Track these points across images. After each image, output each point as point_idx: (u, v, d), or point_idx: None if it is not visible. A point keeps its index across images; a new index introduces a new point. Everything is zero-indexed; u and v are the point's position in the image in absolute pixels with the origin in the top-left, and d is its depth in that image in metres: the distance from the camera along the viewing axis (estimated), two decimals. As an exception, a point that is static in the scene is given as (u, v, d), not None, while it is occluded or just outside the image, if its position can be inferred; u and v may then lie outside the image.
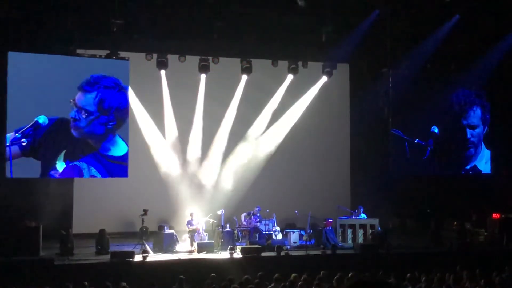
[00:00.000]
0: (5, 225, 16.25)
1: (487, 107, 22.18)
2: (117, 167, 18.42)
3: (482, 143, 22.27)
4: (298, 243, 18.26)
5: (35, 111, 17.75)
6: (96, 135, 18.20)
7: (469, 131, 22.06)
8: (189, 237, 17.43)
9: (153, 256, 16.00)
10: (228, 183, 21.05)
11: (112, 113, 18.29)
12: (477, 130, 22.10)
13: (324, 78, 21.81)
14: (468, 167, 22.23)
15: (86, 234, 18.20)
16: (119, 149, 18.45)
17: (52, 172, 17.68)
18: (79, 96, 17.88)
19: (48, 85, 17.69)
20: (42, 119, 17.44)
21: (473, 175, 22.36)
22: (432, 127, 22.13)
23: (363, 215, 19.09)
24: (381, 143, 21.89)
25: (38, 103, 17.76)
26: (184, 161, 20.94)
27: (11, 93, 17.34)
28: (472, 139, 22.07)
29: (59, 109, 17.86)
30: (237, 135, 21.47)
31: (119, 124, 18.38)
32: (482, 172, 22.14)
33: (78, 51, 18.89)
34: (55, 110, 17.79)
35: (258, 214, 18.86)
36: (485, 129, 22.19)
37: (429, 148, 22.06)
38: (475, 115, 22.07)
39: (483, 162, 22.23)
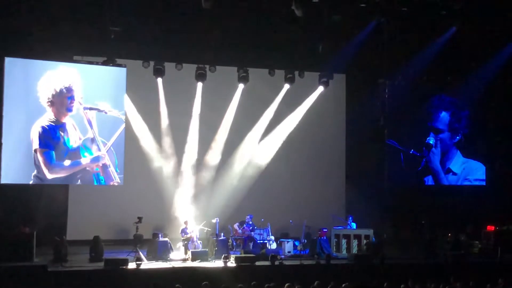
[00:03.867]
0: (-1, 231, 16.20)
1: (458, 115, 22.23)
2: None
3: (457, 150, 22.27)
4: (292, 253, 18.24)
5: (30, 117, 17.78)
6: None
7: (432, 134, 22.12)
8: (183, 245, 17.40)
9: (147, 264, 15.96)
10: (223, 192, 21.00)
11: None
12: (441, 135, 22.14)
13: (321, 88, 21.84)
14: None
15: (80, 241, 18.14)
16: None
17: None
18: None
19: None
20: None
21: (468, 187, 22.42)
22: (428, 138, 22.21)
23: (353, 224, 19.13)
24: (376, 154, 21.92)
25: (34, 109, 17.82)
26: (179, 169, 20.90)
27: (7, 98, 17.36)
28: (433, 142, 22.13)
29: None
30: (233, 143, 21.46)
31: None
32: (456, 173, 22.18)
33: (75, 57, 18.91)
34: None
35: (251, 222, 18.84)
36: (459, 137, 22.22)
37: (424, 159, 22.12)
38: (441, 119, 22.13)
39: (458, 165, 22.26)
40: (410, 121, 21.88)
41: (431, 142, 22.15)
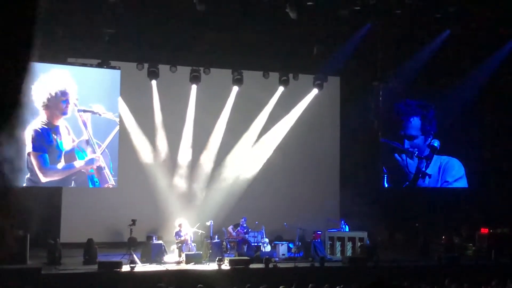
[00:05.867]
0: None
1: (428, 117, 22.27)
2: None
3: (430, 151, 22.30)
4: (286, 255, 18.23)
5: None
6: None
7: (406, 142, 22.17)
8: (177, 248, 17.36)
9: (141, 267, 15.92)
10: (217, 194, 20.98)
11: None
12: (416, 140, 22.19)
13: (315, 91, 21.86)
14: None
15: (74, 244, 18.08)
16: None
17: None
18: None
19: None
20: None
21: (461, 190, 22.46)
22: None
23: (346, 227, 19.16)
24: (371, 156, 21.94)
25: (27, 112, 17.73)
26: (173, 172, 20.89)
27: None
28: (410, 149, 22.19)
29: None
30: (227, 146, 21.45)
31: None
32: (431, 174, 22.22)
33: (69, 59, 18.87)
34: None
35: (245, 225, 18.82)
36: (429, 139, 22.24)
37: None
38: (413, 125, 22.17)
39: (432, 165, 22.28)
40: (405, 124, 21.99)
41: (435, 145, 22.16)
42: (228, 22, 18.95)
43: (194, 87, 20.55)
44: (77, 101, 18.36)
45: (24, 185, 17.64)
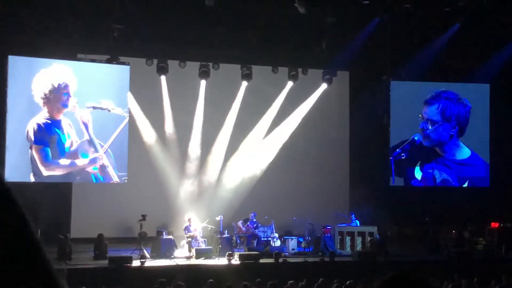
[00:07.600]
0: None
1: (453, 107, 22.06)
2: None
3: (458, 140, 22.08)
4: (296, 250, 18.25)
5: (29, 115, 17.79)
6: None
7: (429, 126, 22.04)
8: (186, 243, 17.40)
9: (151, 262, 15.98)
10: (227, 189, 21.02)
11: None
12: (436, 126, 21.99)
13: (324, 85, 21.82)
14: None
15: (84, 239, 18.15)
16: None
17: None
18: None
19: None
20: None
21: (473, 184, 22.36)
22: (414, 135, 22.15)
23: (356, 221, 19.14)
24: (380, 151, 21.89)
25: (31, 106, 17.84)
26: (183, 167, 20.92)
27: (10, 97, 17.39)
28: (432, 134, 22.03)
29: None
30: (237, 141, 21.47)
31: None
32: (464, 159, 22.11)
33: (79, 55, 18.93)
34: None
35: (254, 220, 18.84)
36: (454, 131, 22.02)
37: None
38: (437, 111, 21.97)
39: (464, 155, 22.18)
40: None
41: (416, 138, 21.89)
42: (237, 17, 18.95)
43: (203, 83, 20.56)
44: (77, 103, 18.35)
45: (32, 180, 17.77)
